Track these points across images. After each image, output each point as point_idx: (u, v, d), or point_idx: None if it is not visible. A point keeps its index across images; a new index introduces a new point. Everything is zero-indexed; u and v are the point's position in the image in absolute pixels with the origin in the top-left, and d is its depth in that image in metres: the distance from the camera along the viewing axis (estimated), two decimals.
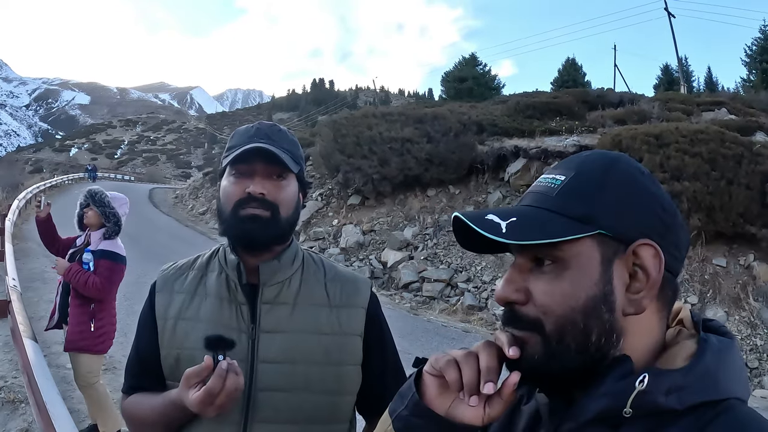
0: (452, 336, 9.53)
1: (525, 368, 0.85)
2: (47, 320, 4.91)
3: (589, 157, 0.91)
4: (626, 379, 0.80)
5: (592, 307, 0.82)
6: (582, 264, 0.83)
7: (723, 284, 10.05)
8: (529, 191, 0.93)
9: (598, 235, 0.83)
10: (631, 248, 0.84)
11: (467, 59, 40.42)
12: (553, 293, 0.83)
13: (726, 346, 0.83)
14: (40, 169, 73.01)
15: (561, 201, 0.86)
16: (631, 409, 0.78)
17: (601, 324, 0.82)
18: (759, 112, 19.41)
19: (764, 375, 8.58)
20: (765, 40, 33.88)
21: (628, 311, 0.83)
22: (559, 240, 0.82)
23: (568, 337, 0.82)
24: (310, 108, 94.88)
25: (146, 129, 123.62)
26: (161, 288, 1.61)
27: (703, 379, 0.78)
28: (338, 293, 1.60)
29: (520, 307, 0.87)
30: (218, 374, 1.27)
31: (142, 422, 1.56)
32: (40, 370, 3.70)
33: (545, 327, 0.83)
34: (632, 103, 21.22)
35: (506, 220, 0.85)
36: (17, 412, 5.05)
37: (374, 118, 18.05)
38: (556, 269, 0.84)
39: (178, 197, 33.18)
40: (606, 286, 0.83)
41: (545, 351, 0.84)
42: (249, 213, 1.47)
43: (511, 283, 0.88)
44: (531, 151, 14.41)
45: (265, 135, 1.55)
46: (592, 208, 0.84)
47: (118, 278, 4.60)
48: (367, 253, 14.61)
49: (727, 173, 10.77)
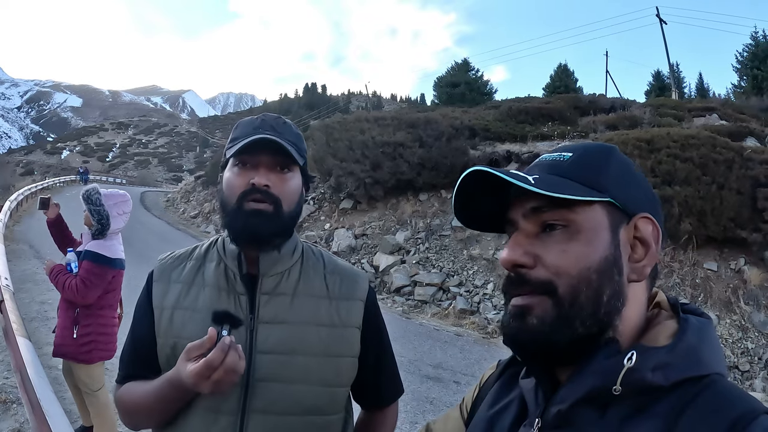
0: (444, 339, 9.52)
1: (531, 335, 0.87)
2: (41, 321, 4.84)
3: (589, 143, 0.97)
4: (614, 357, 0.82)
5: (606, 268, 0.86)
6: (595, 227, 0.87)
7: (714, 288, 10.08)
8: (535, 165, 0.97)
9: (607, 203, 0.88)
10: (634, 220, 0.90)
11: (460, 64, 40.46)
12: (569, 253, 0.86)
13: (705, 325, 0.87)
14: (32, 171, 72.59)
15: (574, 170, 0.91)
16: (620, 387, 0.80)
17: (612, 285, 0.86)
18: (750, 118, 19.58)
19: (755, 378, 8.61)
20: (756, 46, 34.06)
21: (632, 278, 0.88)
22: (579, 199, 0.86)
23: (583, 297, 0.85)
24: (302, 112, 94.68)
25: (138, 132, 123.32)
26: (158, 277, 1.59)
27: (687, 356, 0.81)
28: (338, 285, 1.59)
29: (528, 270, 0.89)
30: (220, 347, 1.25)
31: (136, 409, 1.53)
32: (33, 369, 3.63)
33: (558, 289, 0.86)
34: (624, 108, 21.36)
35: (530, 176, 0.88)
36: (8, 413, 5.01)
37: (367, 122, 18.05)
38: (568, 232, 0.87)
39: (169, 200, 33.16)
40: (616, 251, 0.87)
41: (558, 314, 0.85)
42: (252, 208, 1.44)
43: (519, 246, 0.90)
44: (523, 155, 14.45)
45: (271, 127, 1.54)
46: (603, 178, 0.90)
47: (100, 281, 4.20)
48: (359, 257, 14.58)
49: (718, 178, 10.81)
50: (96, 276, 4.18)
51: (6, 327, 4.78)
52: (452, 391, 6.88)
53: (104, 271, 4.22)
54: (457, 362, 8.19)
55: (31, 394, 3.32)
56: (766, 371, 8.69)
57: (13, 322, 4.68)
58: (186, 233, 21.89)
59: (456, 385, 7.09)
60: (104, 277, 4.22)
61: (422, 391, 6.71)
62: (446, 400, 6.57)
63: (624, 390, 0.80)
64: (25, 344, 4.13)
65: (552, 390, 0.90)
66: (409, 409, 6.06)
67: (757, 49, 33.93)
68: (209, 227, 22.97)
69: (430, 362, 7.96)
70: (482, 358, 8.52)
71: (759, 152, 11.93)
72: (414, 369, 7.55)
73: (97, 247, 4.24)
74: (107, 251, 4.25)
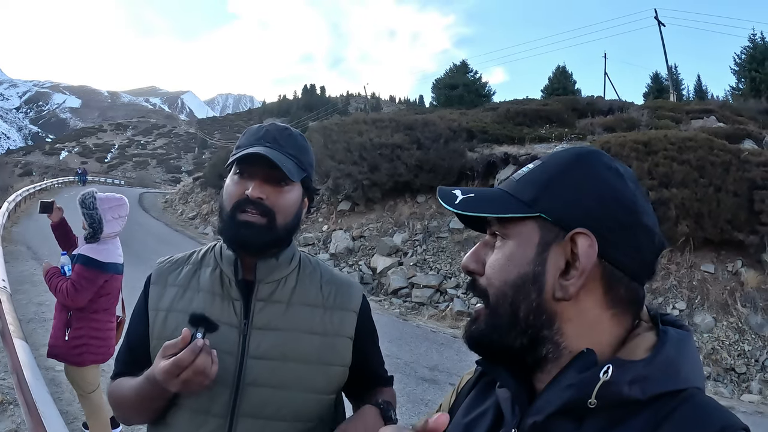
0: (441, 341, 9.52)
1: (471, 340, 0.93)
2: (38, 323, 4.84)
3: (562, 152, 0.95)
4: (590, 370, 0.81)
5: (521, 284, 0.87)
6: (521, 242, 0.88)
7: (711, 290, 10.09)
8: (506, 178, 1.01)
9: (539, 218, 0.88)
10: (568, 235, 0.86)
11: (458, 66, 40.44)
12: (494, 266, 0.90)
13: (684, 338, 0.86)
14: (30, 172, 72.59)
15: (518, 185, 0.92)
16: (596, 400, 0.79)
17: (527, 302, 0.86)
18: (747, 120, 19.59)
19: (752, 380, 8.63)
20: (754, 48, 34.09)
21: (558, 295, 0.85)
22: (503, 216, 0.89)
23: (501, 309, 0.88)
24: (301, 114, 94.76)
25: (137, 133, 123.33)
26: (156, 280, 1.62)
27: (665, 369, 0.80)
28: (333, 295, 1.61)
29: (478, 277, 0.93)
30: (191, 349, 1.28)
31: (122, 403, 1.56)
32: (30, 370, 3.63)
33: (489, 297, 0.90)
34: (621, 110, 21.37)
35: (465, 195, 0.94)
36: (5, 414, 5.00)
37: (365, 124, 18.07)
38: (502, 245, 0.90)
39: (167, 202, 33.14)
40: (537, 267, 0.87)
41: (487, 322, 0.90)
42: (244, 219, 1.47)
43: (474, 255, 0.95)
44: (521, 158, 14.45)
45: (273, 138, 1.54)
46: (539, 193, 0.89)
47: (90, 285, 4.16)
48: (356, 258, 14.59)
49: (716, 180, 10.84)
50: (86, 280, 4.15)
51: (3, 328, 4.77)
52: (448, 392, 6.88)
53: (95, 275, 4.18)
54: (454, 364, 8.18)
55: (27, 396, 3.32)
56: (762, 374, 8.71)
57: (10, 323, 4.67)
58: (184, 234, 21.88)
59: (452, 387, 7.07)
60: (94, 281, 4.19)
61: (418, 393, 6.72)
62: (441, 401, 6.56)
63: (600, 403, 0.79)
64: (22, 346, 4.13)
65: (528, 400, 0.89)
66: (405, 410, 6.05)
67: (755, 51, 33.96)
68: (207, 229, 22.95)
69: (427, 364, 7.96)
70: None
71: (756, 154, 11.97)
72: (410, 371, 7.55)
73: (90, 251, 4.21)
74: (99, 255, 4.22)
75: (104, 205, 4.25)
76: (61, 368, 5.91)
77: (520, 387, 0.91)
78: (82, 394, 4.40)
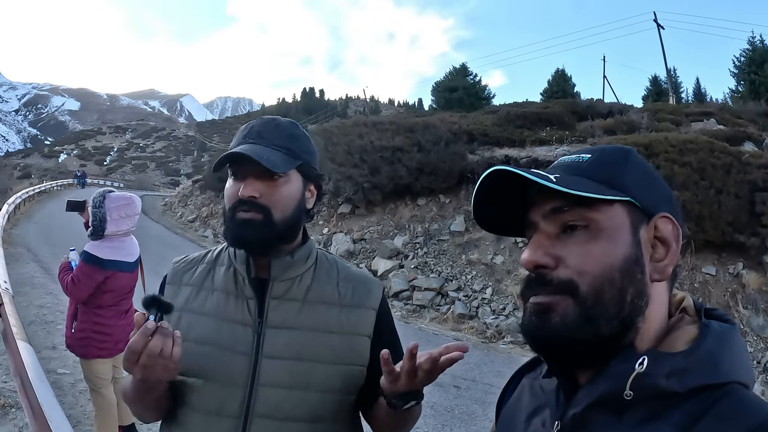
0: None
1: (553, 334, 0.86)
2: (39, 325, 4.85)
3: (607, 145, 0.97)
4: (627, 362, 0.82)
5: (628, 267, 0.85)
6: (616, 227, 0.87)
7: (713, 292, 10.10)
8: (554, 166, 0.97)
9: (628, 203, 0.88)
10: (654, 220, 0.89)
11: (458, 69, 40.47)
12: (591, 253, 0.86)
13: (727, 331, 0.85)
14: (29, 174, 72.41)
15: (593, 170, 0.91)
16: (632, 392, 0.80)
17: (635, 284, 0.85)
18: (747, 122, 19.62)
19: (755, 381, 8.62)
20: (753, 51, 34.15)
21: (654, 277, 0.87)
22: (600, 198, 0.86)
23: (606, 296, 0.84)
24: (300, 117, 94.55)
25: (136, 136, 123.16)
26: (171, 280, 1.63)
27: (703, 363, 0.80)
28: (350, 293, 1.59)
29: (550, 271, 0.88)
30: (142, 332, 1.25)
31: (127, 398, 1.56)
32: (34, 372, 3.62)
33: (580, 288, 0.85)
34: (621, 113, 21.38)
35: (552, 175, 0.88)
36: (7, 417, 4.99)
37: (365, 127, 18.07)
38: (590, 232, 0.87)
39: (167, 205, 33.08)
40: (637, 250, 0.87)
41: (581, 313, 0.85)
42: (242, 218, 1.46)
43: (540, 248, 0.90)
44: (521, 160, 14.45)
45: (257, 134, 1.53)
46: (623, 177, 0.90)
47: (89, 281, 4.25)
48: (357, 261, 14.56)
49: (716, 182, 10.85)
50: (84, 275, 4.25)
51: (6, 330, 4.77)
52: (452, 395, 6.87)
53: (93, 271, 4.26)
54: (457, 367, 8.09)
55: (32, 398, 3.31)
56: (764, 375, 8.70)
57: (13, 325, 4.68)
58: (184, 237, 21.85)
59: (456, 390, 7.08)
60: (93, 276, 4.26)
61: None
62: (446, 405, 6.55)
63: (638, 395, 0.79)
64: (26, 348, 4.13)
65: (573, 392, 0.90)
66: None
67: (754, 53, 34.02)
68: (207, 231, 22.93)
69: None
70: (481, 362, 8.51)
71: (757, 156, 11.98)
72: None
73: (91, 248, 4.31)
74: (100, 252, 4.30)
75: (111, 204, 4.33)
76: (63, 371, 5.90)
77: (567, 378, 0.92)
78: (92, 388, 4.48)
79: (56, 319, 8.07)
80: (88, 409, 5.34)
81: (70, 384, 5.93)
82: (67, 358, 6.59)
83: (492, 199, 0.96)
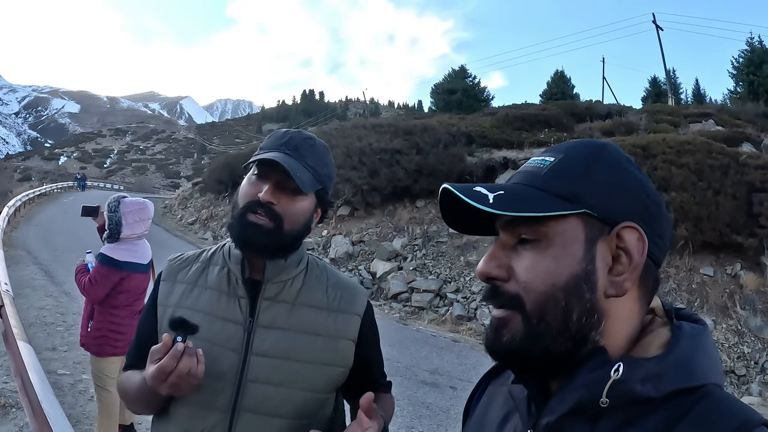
0: (441, 345, 9.54)
1: (505, 350, 0.85)
2: (39, 327, 4.88)
3: (578, 143, 0.92)
4: (602, 368, 0.80)
5: (574, 285, 0.82)
6: (566, 241, 0.83)
7: (710, 293, 10.11)
8: (518, 171, 0.93)
9: (583, 214, 0.84)
10: (615, 230, 0.84)
11: (457, 71, 40.54)
12: (536, 269, 0.83)
13: (699, 333, 0.83)
14: (29, 177, 72.51)
15: (549, 180, 0.86)
16: (608, 399, 0.78)
17: (582, 303, 0.82)
18: (745, 123, 19.66)
19: (752, 382, 8.64)
20: (751, 52, 34.22)
21: (610, 293, 0.83)
22: (545, 215, 0.82)
23: (549, 315, 0.82)
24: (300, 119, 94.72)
25: (136, 138, 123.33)
26: (166, 277, 1.68)
27: (678, 366, 0.78)
28: (337, 298, 1.65)
29: (502, 283, 0.86)
30: (172, 354, 1.33)
31: (128, 395, 1.64)
32: (35, 372, 3.66)
33: (526, 304, 0.83)
34: (620, 115, 21.44)
35: (494, 193, 0.84)
36: (8, 417, 5.02)
37: (364, 129, 18.10)
38: (539, 246, 0.84)
39: (167, 207, 33.07)
40: (588, 266, 0.83)
41: (526, 330, 0.83)
42: (252, 220, 1.50)
43: (494, 259, 0.88)
44: (520, 162, 14.45)
45: (294, 147, 1.57)
46: (578, 187, 0.84)
47: (105, 282, 4.38)
48: (356, 263, 14.60)
49: (714, 183, 10.87)
50: (101, 276, 4.38)
51: (6, 331, 4.82)
52: (448, 396, 6.90)
53: (109, 272, 4.40)
54: (454, 368, 8.20)
55: (32, 398, 3.34)
56: (762, 376, 8.72)
57: (14, 326, 4.73)
58: (183, 240, 21.85)
59: (452, 391, 7.11)
60: (109, 277, 4.40)
61: (419, 396, 6.72)
62: (442, 405, 6.58)
63: (613, 402, 0.78)
64: (26, 348, 4.19)
65: (544, 401, 0.88)
66: (406, 414, 6.07)
67: (752, 54, 34.09)
68: (206, 234, 22.94)
69: (427, 368, 7.96)
70: (479, 363, 8.53)
71: (754, 157, 11.99)
72: (410, 375, 7.55)
73: (108, 250, 4.45)
74: (116, 254, 4.45)
75: (126, 209, 4.51)
76: (63, 372, 5.93)
77: (537, 387, 0.90)
78: (99, 386, 4.54)
79: (56, 321, 8.12)
80: (87, 409, 5.38)
81: (70, 384, 5.97)
82: (66, 359, 6.62)
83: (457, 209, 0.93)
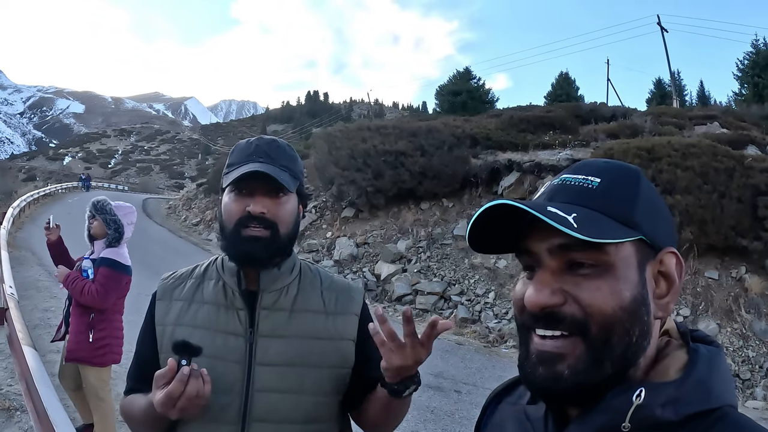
0: (445, 348, 9.51)
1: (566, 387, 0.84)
2: (44, 329, 4.88)
3: (612, 164, 0.92)
4: (625, 394, 0.80)
5: (635, 308, 0.83)
6: (625, 266, 0.83)
7: (715, 296, 10.09)
8: (560, 188, 0.91)
9: (638, 240, 0.85)
10: (659, 255, 0.87)
11: (461, 73, 40.47)
12: (603, 293, 0.82)
13: (715, 355, 0.85)
14: (34, 177, 72.61)
15: (606, 203, 0.86)
16: (629, 424, 0.78)
17: (641, 325, 0.83)
18: (751, 126, 19.60)
19: (756, 386, 8.61)
20: (756, 54, 34.12)
21: (658, 315, 0.86)
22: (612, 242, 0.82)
23: (615, 338, 0.82)
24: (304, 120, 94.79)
25: (140, 139, 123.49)
26: (161, 296, 1.68)
27: (697, 390, 0.80)
28: (334, 301, 1.67)
29: (560, 308, 0.84)
30: (179, 379, 1.34)
31: (134, 420, 1.64)
32: (39, 376, 3.67)
33: (591, 329, 0.82)
34: (625, 117, 21.40)
35: (569, 215, 0.82)
36: (12, 420, 5.03)
37: (368, 131, 18.07)
38: (598, 271, 0.83)
39: (171, 208, 33.12)
40: (643, 289, 0.84)
41: (589, 357, 0.83)
42: (249, 234, 1.52)
43: (546, 286, 0.85)
44: (524, 164, 14.45)
45: (264, 153, 1.59)
46: (635, 213, 0.86)
47: (117, 287, 4.42)
48: (360, 265, 14.60)
49: (719, 187, 10.84)
50: (114, 281, 4.41)
51: (11, 335, 4.83)
52: (453, 400, 6.89)
53: (121, 277, 4.46)
54: (459, 371, 8.20)
55: (37, 402, 3.35)
56: (767, 380, 8.70)
57: (19, 331, 4.75)
58: (188, 241, 21.89)
59: (457, 395, 7.10)
60: (120, 282, 4.46)
61: (423, 400, 6.72)
62: (447, 409, 6.58)
63: (633, 426, 0.79)
64: (31, 353, 4.20)
65: (563, 423, 0.89)
66: (410, 418, 6.05)
67: (757, 57, 33.99)
68: (211, 235, 22.93)
69: (431, 371, 7.95)
70: (483, 367, 8.53)
71: (760, 160, 11.95)
72: None
73: (113, 255, 4.47)
74: (121, 258, 4.50)
75: (120, 212, 4.57)
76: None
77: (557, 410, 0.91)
78: (95, 397, 4.51)
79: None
80: None
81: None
82: None
83: (487, 225, 0.91)
